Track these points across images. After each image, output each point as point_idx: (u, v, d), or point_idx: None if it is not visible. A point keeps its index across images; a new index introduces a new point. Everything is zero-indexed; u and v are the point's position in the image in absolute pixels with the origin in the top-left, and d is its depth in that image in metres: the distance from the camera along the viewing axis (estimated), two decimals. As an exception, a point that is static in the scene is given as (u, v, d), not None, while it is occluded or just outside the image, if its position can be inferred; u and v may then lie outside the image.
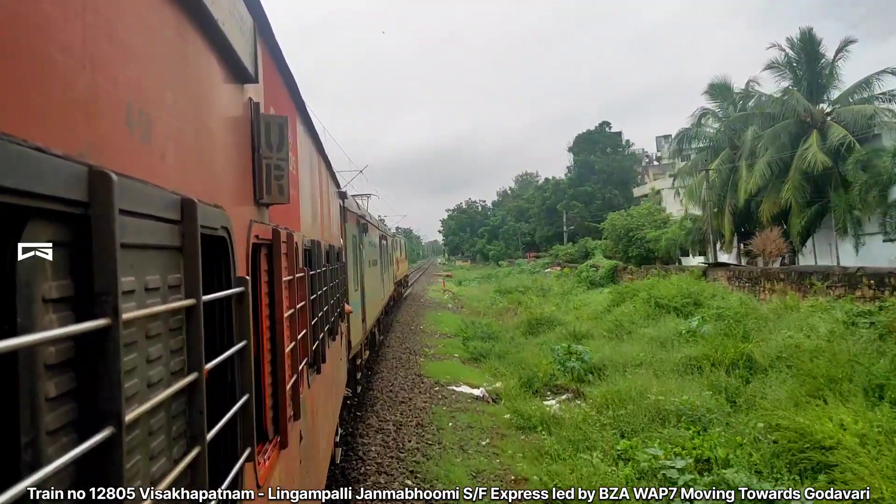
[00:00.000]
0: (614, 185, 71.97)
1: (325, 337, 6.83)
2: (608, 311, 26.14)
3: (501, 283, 47.80)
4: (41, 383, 1.21)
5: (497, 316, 30.21)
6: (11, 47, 1.16)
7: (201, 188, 2.30)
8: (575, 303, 31.88)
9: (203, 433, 1.98)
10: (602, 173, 72.71)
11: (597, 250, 51.48)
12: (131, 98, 1.67)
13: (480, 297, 40.38)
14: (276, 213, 3.93)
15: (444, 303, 40.52)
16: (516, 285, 41.70)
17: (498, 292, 39.63)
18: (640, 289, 26.64)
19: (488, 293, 41.37)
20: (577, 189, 72.66)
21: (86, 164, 1.35)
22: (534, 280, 45.41)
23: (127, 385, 1.52)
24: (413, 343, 23.18)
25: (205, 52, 2.45)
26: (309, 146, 6.13)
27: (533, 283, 43.27)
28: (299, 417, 4.36)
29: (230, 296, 2.58)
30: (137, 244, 1.63)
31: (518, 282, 45.39)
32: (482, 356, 19.76)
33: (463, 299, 42.42)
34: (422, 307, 36.60)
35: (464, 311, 34.92)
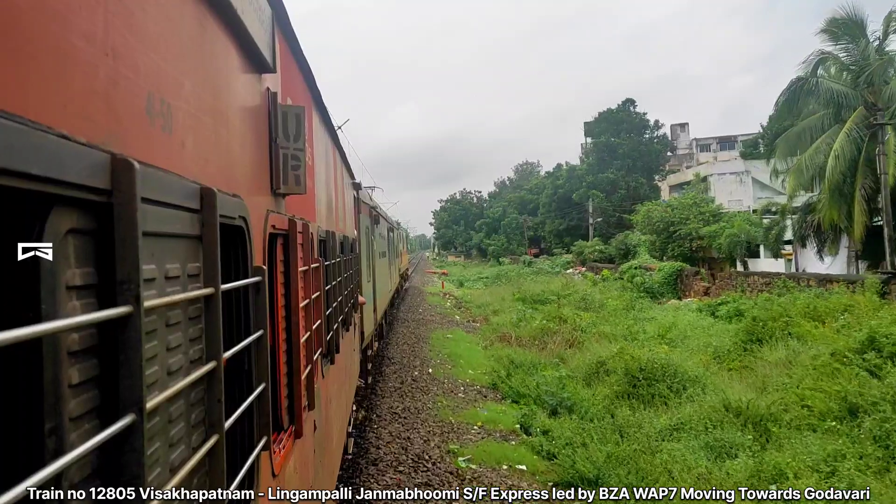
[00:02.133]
0: (640, 172, 62.67)
1: (339, 328, 6.85)
2: (744, 349, 17.21)
3: (520, 286, 37.92)
4: (64, 370, 1.22)
5: (537, 343, 20.14)
6: (34, 34, 1.16)
7: (220, 177, 2.30)
8: (667, 329, 21.24)
9: (221, 421, 2.00)
10: (626, 158, 62.44)
11: (641, 247, 43.15)
12: (152, 87, 1.67)
13: (496, 306, 31.60)
14: (291, 203, 3.94)
15: (448, 313, 31.20)
16: (542, 291, 33.51)
17: (521, 300, 31.78)
18: (775, 313, 18.13)
19: (506, 301, 32.91)
20: (596, 176, 62.78)
21: (108, 152, 1.35)
22: (564, 285, 35.88)
23: (148, 372, 1.53)
24: (424, 406, 13.23)
25: (224, 41, 2.45)
26: (324, 137, 6.13)
27: (564, 288, 34.27)
28: (314, 407, 4.39)
29: (247, 285, 2.59)
30: (158, 232, 1.64)
31: (542, 285, 37.00)
32: (580, 481, 9.46)
33: (471, 308, 33.91)
34: (423, 320, 27.38)
35: (479, 327, 26.21)
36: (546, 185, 77.84)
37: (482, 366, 17.71)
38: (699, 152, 77.85)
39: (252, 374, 2.64)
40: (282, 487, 3.27)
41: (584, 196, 62.87)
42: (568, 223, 69.35)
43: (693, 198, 41.20)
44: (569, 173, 70.97)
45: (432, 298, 38.39)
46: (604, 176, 62.09)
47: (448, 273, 67.00)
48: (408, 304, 34.00)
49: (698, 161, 72.50)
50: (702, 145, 79.24)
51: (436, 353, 19.50)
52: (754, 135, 76.19)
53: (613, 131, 64.27)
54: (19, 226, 1.16)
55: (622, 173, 62.35)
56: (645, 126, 65.03)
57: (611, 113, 65.18)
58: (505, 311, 28.99)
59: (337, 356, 6.48)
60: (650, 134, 65.56)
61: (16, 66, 1.11)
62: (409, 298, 37.25)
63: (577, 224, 67.73)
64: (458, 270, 74.89)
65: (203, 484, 1.95)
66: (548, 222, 74.38)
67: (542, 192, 79.13)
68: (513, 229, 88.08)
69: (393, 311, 27.88)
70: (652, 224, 40.25)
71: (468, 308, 34.31)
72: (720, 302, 26.39)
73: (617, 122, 64.48)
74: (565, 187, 69.47)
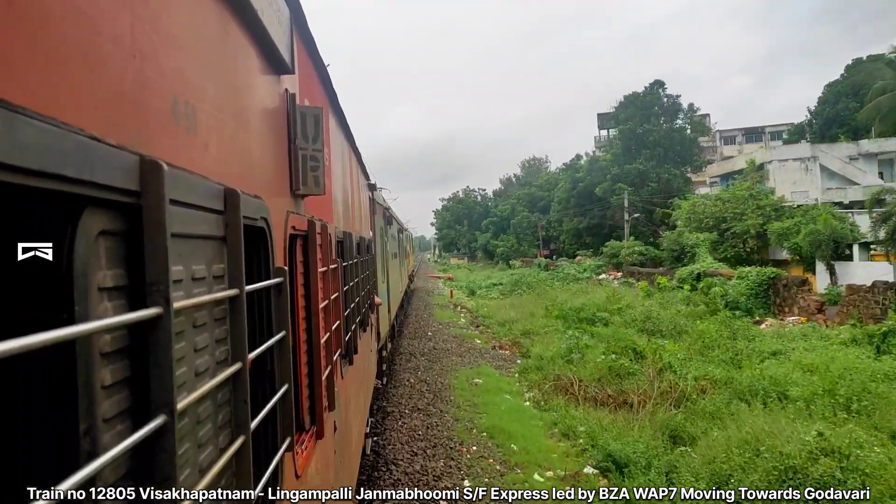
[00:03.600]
0: (672, 162, 54.98)
1: (357, 328, 6.87)
2: None
3: (551, 297, 30.38)
4: (97, 371, 1.22)
5: (612, 398, 13.27)
6: (65, 37, 1.17)
7: (241, 179, 2.31)
8: (833, 382, 12.59)
9: (247, 422, 2.00)
10: (657, 147, 54.51)
11: (701, 248, 34.09)
12: (177, 89, 1.68)
13: (525, 324, 24.04)
14: (310, 204, 3.94)
15: (465, 335, 23.03)
16: (584, 305, 25.99)
17: (560, 318, 23.88)
18: None
19: (536, 317, 25.59)
20: (623, 168, 54.74)
21: (137, 154, 1.35)
22: (610, 297, 27.60)
23: (177, 374, 1.53)
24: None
25: (245, 42, 2.46)
26: (341, 138, 6.15)
27: (610, 301, 26.66)
28: (334, 408, 4.39)
29: (270, 286, 2.59)
30: (185, 234, 1.64)
31: (579, 296, 29.70)
32: None
33: (491, 325, 26.37)
34: (436, 351, 19.71)
35: (510, 359, 19.06)
36: (561, 179, 71.19)
37: (553, 459, 10.05)
38: (723, 145, 74.39)
39: (275, 376, 2.64)
40: (305, 488, 3.27)
41: (608, 190, 55.23)
42: (589, 221, 61.24)
43: (748, 189, 35.60)
44: (590, 165, 63.16)
45: (442, 313, 30.50)
46: (631, 167, 53.94)
47: (453, 277, 60.24)
48: (414, 322, 26.43)
49: (722, 155, 68.75)
50: (726, 138, 75.47)
51: (465, 425, 11.71)
52: (783, 125, 69.43)
53: (641, 117, 55.93)
54: (52, 227, 1.17)
55: (652, 164, 54.29)
56: (677, 110, 56.53)
57: (637, 97, 56.71)
58: (540, 333, 21.91)
59: (355, 357, 6.49)
60: (684, 119, 57.19)
61: (47, 68, 1.11)
62: (415, 312, 30.10)
63: (600, 223, 59.78)
64: (464, 274, 68.02)
65: (230, 485, 1.95)
66: (565, 220, 66.41)
67: (555, 188, 73.25)
68: (523, 229, 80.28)
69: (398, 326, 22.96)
70: (699, 220, 34.53)
71: (487, 325, 26.80)
72: (889, 330, 16.67)
73: (645, 107, 56.20)
74: (586, 181, 61.60)
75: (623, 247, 46.97)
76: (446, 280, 56.95)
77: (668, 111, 56.40)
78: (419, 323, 26.62)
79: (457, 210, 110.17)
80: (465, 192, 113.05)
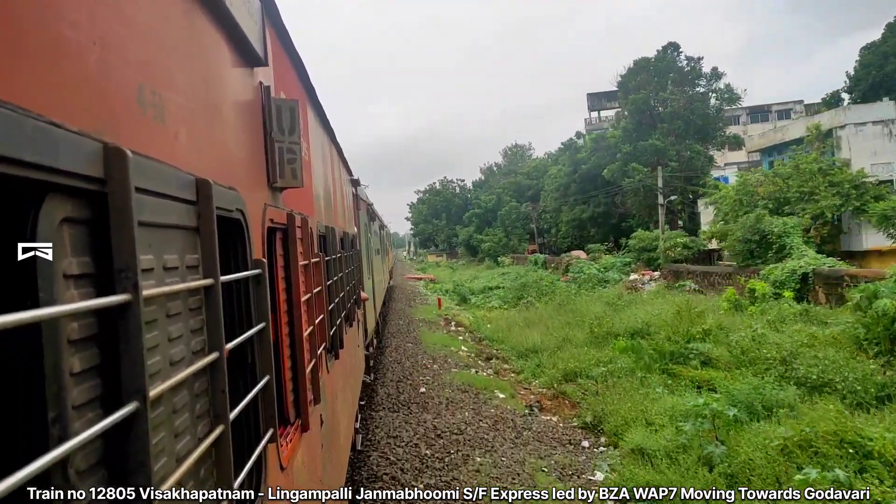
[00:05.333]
0: (692, 138, 45.94)
1: (343, 323, 6.86)
2: None
3: (577, 310, 23.06)
4: (66, 358, 1.22)
5: None
6: (21, 22, 1.16)
7: (215, 170, 2.30)
8: None
9: (226, 412, 2.00)
10: (676, 121, 45.08)
11: (793, 234, 24.99)
12: (142, 77, 1.67)
13: (570, 362, 15.74)
14: (289, 198, 3.93)
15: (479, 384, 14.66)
16: (649, 326, 18.09)
17: (630, 351, 15.82)
18: None
19: (579, 345, 17.56)
20: (635, 145, 45.33)
21: (101, 141, 1.34)
22: (683, 313, 18.13)
23: (150, 362, 1.53)
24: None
25: (213, 33, 2.45)
26: (320, 133, 6.13)
27: (684, 320, 17.65)
28: (319, 401, 4.39)
29: (247, 277, 2.58)
30: (155, 223, 1.63)
31: (628, 311, 21.32)
32: None
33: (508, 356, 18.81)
34: (440, 431, 10.99)
35: (573, 446, 10.77)
36: (553, 165, 60.65)
37: None
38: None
39: (256, 367, 2.64)
40: (290, 481, 3.27)
41: (618, 172, 46.25)
42: (593, 210, 52.62)
43: (815, 160, 28.47)
44: (595, 144, 53.51)
45: (432, 336, 21.59)
46: (646, 144, 44.69)
47: (436, 278, 52.52)
48: (395, 355, 17.98)
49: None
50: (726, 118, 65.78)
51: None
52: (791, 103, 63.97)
53: (656, 85, 46.47)
54: (13, 214, 1.16)
55: (671, 140, 45.23)
56: (698, 76, 46.84)
57: (648, 62, 47.38)
58: (597, 377, 14.06)
59: (341, 351, 6.48)
60: (707, 86, 47.14)
61: (2, 52, 1.10)
62: (395, 336, 21.42)
63: (607, 211, 51.63)
64: (447, 274, 59.31)
65: (210, 475, 1.95)
66: (564, 210, 57.11)
67: (544, 176, 65.95)
68: (512, 221, 71.41)
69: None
70: (747, 203, 26.88)
71: (502, 356, 18.80)
72: None
73: (659, 74, 46.80)
74: (590, 162, 52.63)
75: (659, 239, 36.45)
76: (427, 282, 49.89)
77: (686, 78, 46.82)
78: (402, 358, 17.44)
79: (434, 203, 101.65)
80: (442, 184, 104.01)
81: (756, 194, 28.03)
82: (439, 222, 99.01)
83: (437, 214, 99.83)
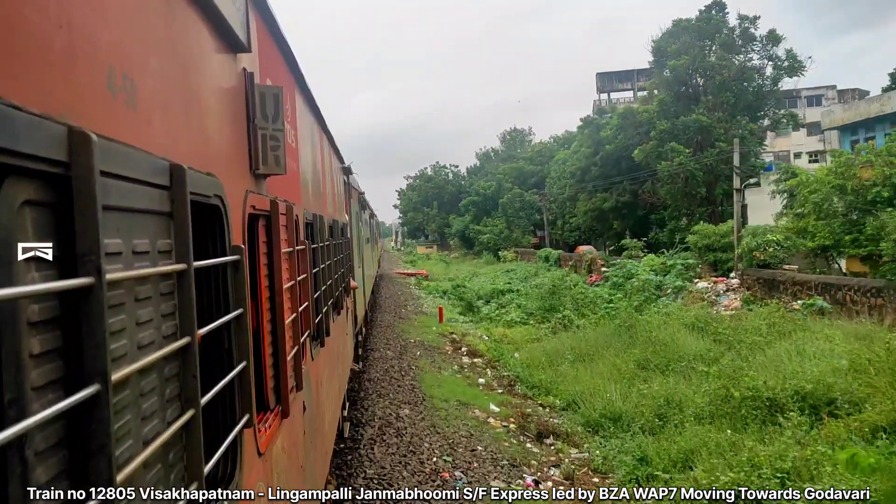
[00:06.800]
0: (743, 114, 37.96)
1: (329, 311, 6.87)
2: None
3: (646, 337, 16.15)
4: (25, 340, 1.23)
5: None
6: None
7: (192, 156, 2.30)
8: None
9: (197, 397, 2.01)
10: (725, 93, 37.28)
11: None
12: (113, 61, 1.66)
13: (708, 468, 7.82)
14: (275, 185, 3.93)
15: None
16: (797, 384, 10.42)
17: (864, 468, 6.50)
18: None
19: (708, 426, 10.04)
20: (675, 122, 37.08)
21: (65, 124, 1.35)
22: (862, 367, 10.57)
23: (115, 346, 1.54)
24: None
25: (193, 18, 2.44)
26: (309, 119, 6.11)
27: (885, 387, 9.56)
28: (301, 388, 4.41)
29: (225, 263, 2.59)
30: (123, 207, 1.64)
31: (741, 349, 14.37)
32: None
33: (580, 439, 11.18)
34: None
35: None
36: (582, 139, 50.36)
37: None
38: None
39: (232, 353, 2.65)
40: (268, 466, 3.30)
41: (652, 153, 37.87)
42: (617, 199, 44.72)
43: None
44: (622, 119, 44.10)
45: (434, 376, 14.61)
46: (689, 120, 36.51)
47: (429, 275, 45.95)
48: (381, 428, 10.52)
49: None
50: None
51: None
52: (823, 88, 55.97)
53: (698, 52, 38.06)
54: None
55: (720, 115, 37.05)
56: (750, 40, 38.24)
57: (689, 25, 38.98)
58: None
59: (328, 339, 6.50)
60: (763, 52, 38.32)
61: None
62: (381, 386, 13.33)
63: (631, 200, 43.86)
64: (440, 269, 52.02)
65: (180, 458, 1.96)
66: (581, 197, 48.54)
67: (549, 161, 58.64)
68: (515, 210, 62.88)
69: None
70: (856, 187, 20.50)
71: (571, 434, 11.44)
72: None
73: (703, 37, 38.63)
74: (617, 141, 43.93)
75: (733, 234, 26.86)
76: (419, 279, 42.82)
77: (735, 42, 38.44)
78: (397, 449, 9.64)
79: (425, 189, 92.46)
80: (434, 169, 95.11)
81: (859, 179, 20.96)
82: (430, 210, 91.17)
83: (429, 202, 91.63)
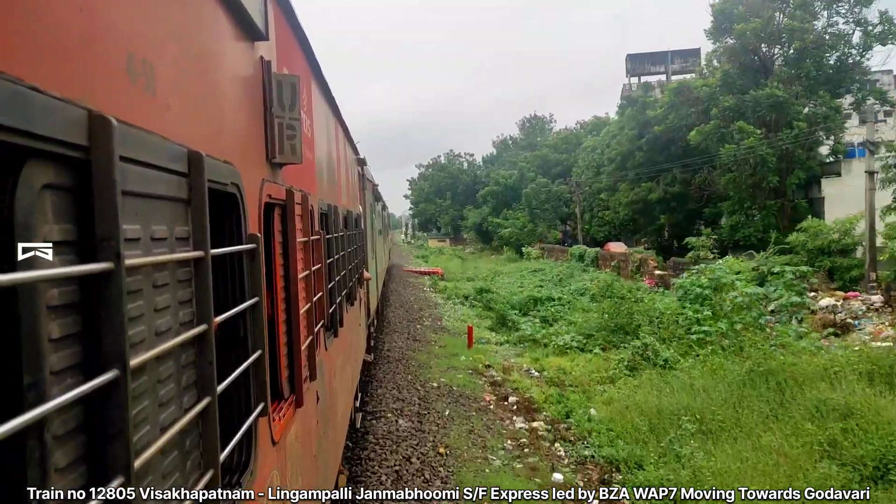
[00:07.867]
0: (824, 88, 32.26)
1: (343, 301, 6.88)
2: None
3: (803, 403, 9.88)
4: (44, 324, 1.22)
5: None
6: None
7: (209, 143, 2.29)
8: None
9: (213, 384, 2.01)
10: (804, 63, 31.81)
11: None
12: (132, 47, 1.66)
13: None
14: (290, 174, 3.93)
15: None
16: None
17: None
18: None
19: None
20: (743, 97, 31.81)
21: (85, 108, 1.34)
22: None
23: (133, 331, 1.54)
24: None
25: (211, 5, 2.43)
26: (325, 110, 6.10)
27: None
28: (315, 378, 4.42)
29: (241, 251, 2.59)
30: (142, 193, 1.63)
31: None
32: None
33: None
34: None
35: None
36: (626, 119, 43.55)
37: None
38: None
39: (248, 341, 2.65)
40: (283, 454, 3.30)
41: (713, 135, 32.38)
42: (665, 189, 38.83)
43: None
44: (675, 96, 37.15)
45: (473, 462, 8.86)
46: (760, 95, 30.70)
47: (444, 274, 40.24)
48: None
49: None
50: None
51: None
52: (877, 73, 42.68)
53: (770, 14, 32.60)
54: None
55: (797, 89, 31.42)
56: (835, 1, 32.40)
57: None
58: None
59: (341, 330, 6.51)
60: (848, 15, 32.54)
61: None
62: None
63: (682, 192, 38.11)
64: (456, 266, 46.53)
65: (196, 445, 1.97)
66: (622, 187, 42.55)
67: (575, 149, 51.99)
68: (540, 202, 56.46)
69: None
70: None
71: None
72: None
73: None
74: (668, 121, 37.37)
75: (864, 235, 21.90)
76: (435, 279, 37.42)
77: (813, 4, 32.58)
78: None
79: (438, 179, 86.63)
80: (448, 158, 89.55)
81: None
82: (443, 202, 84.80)
83: (441, 193, 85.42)
